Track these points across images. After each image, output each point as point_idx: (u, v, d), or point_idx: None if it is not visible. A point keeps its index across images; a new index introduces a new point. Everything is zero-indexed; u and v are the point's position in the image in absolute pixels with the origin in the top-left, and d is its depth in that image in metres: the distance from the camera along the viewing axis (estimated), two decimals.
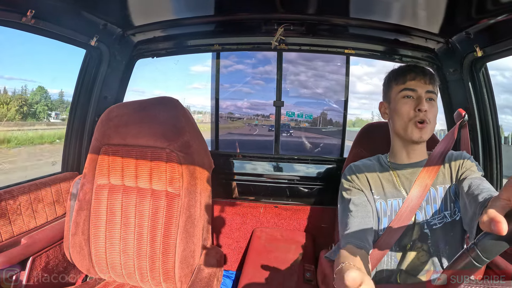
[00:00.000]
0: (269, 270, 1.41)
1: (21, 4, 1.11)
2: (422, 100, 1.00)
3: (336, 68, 4.07)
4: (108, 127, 1.27)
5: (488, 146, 1.43)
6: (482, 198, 0.82)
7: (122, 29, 1.57)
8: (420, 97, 1.01)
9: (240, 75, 3.94)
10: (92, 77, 1.61)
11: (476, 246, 0.53)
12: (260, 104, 5.12)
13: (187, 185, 1.19)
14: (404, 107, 1.02)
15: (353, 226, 0.96)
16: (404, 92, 1.03)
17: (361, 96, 9.35)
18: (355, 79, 5.96)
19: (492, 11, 1.11)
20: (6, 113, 22.41)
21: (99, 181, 1.26)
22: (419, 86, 1.02)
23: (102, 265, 1.25)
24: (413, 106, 1.01)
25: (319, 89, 4.47)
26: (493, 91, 1.41)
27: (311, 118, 5.76)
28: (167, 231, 1.19)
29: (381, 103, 1.14)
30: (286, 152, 1.94)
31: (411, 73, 1.04)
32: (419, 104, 1.00)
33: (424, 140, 1.03)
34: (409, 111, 1.02)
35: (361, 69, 8.33)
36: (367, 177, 1.08)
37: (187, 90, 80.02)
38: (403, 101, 1.03)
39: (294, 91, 4.50)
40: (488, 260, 0.53)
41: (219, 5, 1.42)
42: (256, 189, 1.86)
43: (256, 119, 6.35)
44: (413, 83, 1.02)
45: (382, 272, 1.03)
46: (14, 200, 1.28)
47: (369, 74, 9.96)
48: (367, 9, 1.36)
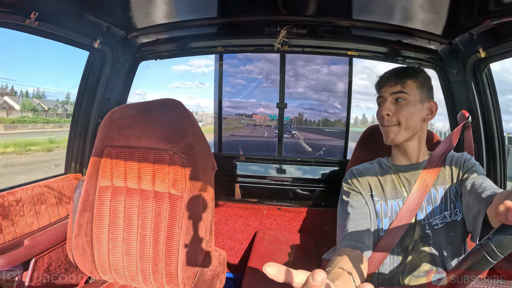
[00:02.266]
0: None
1: (25, 6, 1.11)
2: (384, 105, 1.04)
3: (317, 68, 4.16)
4: (111, 129, 1.27)
5: (492, 147, 1.43)
6: (486, 196, 0.82)
7: (125, 31, 1.57)
8: (384, 101, 1.05)
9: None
10: (96, 79, 1.61)
11: (491, 240, 0.50)
12: (241, 103, 5.20)
13: (190, 187, 1.19)
14: (378, 115, 1.08)
15: (349, 228, 0.98)
16: (378, 100, 1.09)
17: (341, 95, 9.44)
18: (336, 78, 6.03)
19: (495, 12, 1.11)
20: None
21: (102, 183, 1.26)
22: (385, 91, 1.06)
23: (105, 267, 1.25)
24: (382, 111, 1.05)
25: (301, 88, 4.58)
26: (496, 92, 1.41)
27: (288, 119, 5.98)
28: (170, 233, 1.18)
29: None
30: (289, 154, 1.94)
31: (381, 81, 1.08)
32: (381, 109, 1.05)
33: (397, 142, 1.05)
34: (380, 118, 1.06)
35: (341, 68, 8.43)
36: (368, 179, 1.09)
37: (168, 89, 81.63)
38: (378, 109, 1.08)
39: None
40: (503, 255, 0.50)
41: (222, 7, 1.42)
42: (259, 191, 1.85)
43: (242, 118, 6.43)
44: (382, 90, 1.07)
45: (384, 273, 1.02)
46: (17, 201, 1.29)
47: (324, 73, 9.94)
48: (370, 11, 1.36)
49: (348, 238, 0.95)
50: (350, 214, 1.01)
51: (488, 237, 0.51)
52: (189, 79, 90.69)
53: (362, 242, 0.93)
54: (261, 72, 4.10)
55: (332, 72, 4.62)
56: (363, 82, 21.85)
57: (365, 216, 1.01)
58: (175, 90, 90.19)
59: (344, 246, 0.92)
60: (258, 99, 5.11)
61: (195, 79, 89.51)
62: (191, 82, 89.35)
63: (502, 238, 0.49)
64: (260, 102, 5.27)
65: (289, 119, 6.21)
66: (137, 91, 57.01)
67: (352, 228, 0.97)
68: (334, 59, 4.05)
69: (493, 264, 0.50)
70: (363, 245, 0.93)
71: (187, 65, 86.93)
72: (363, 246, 0.92)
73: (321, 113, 5.86)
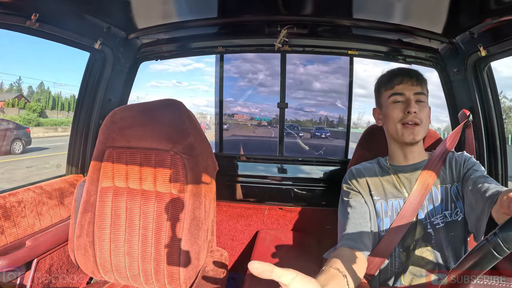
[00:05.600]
0: None
1: (25, 7, 1.11)
2: (411, 103, 1.02)
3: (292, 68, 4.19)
4: (112, 129, 1.28)
5: (493, 146, 1.43)
6: (490, 195, 0.82)
7: (126, 32, 1.57)
8: (408, 100, 1.03)
9: (199, 73, 4.02)
10: (96, 80, 1.61)
11: (497, 235, 0.49)
12: (218, 101, 5.29)
13: (192, 187, 1.19)
14: (394, 112, 1.05)
15: (349, 228, 0.99)
16: (393, 97, 1.06)
17: (317, 94, 9.50)
18: (311, 78, 6.10)
19: (496, 11, 1.11)
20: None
21: (103, 184, 1.26)
22: (406, 89, 1.04)
23: (107, 267, 1.25)
24: (402, 109, 1.03)
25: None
26: (497, 91, 1.41)
27: (268, 120, 6.14)
28: (172, 233, 1.18)
29: (375, 110, 1.17)
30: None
31: (397, 77, 1.06)
32: (408, 107, 1.02)
33: (417, 141, 1.05)
34: (399, 115, 1.04)
35: (317, 67, 8.53)
36: (367, 179, 1.10)
37: (144, 88, 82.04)
38: (393, 106, 1.06)
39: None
40: (510, 250, 0.49)
41: (223, 7, 1.42)
42: (261, 190, 1.85)
43: (230, 119, 6.46)
44: (401, 87, 1.05)
45: (386, 273, 1.03)
46: (19, 202, 1.29)
47: (325, 73, 10.06)
48: (370, 10, 1.36)
49: (346, 237, 0.97)
50: (349, 214, 1.02)
51: (495, 232, 0.50)
52: (165, 78, 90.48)
53: (360, 242, 0.95)
54: (238, 71, 4.11)
55: (331, 72, 4.63)
56: (338, 81, 22.05)
57: (364, 215, 1.02)
58: (151, 89, 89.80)
59: (343, 246, 0.94)
60: (236, 98, 5.11)
61: (172, 78, 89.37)
62: (167, 81, 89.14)
63: (509, 232, 0.49)
64: (237, 101, 5.28)
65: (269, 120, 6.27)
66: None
67: (351, 228, 0.99)
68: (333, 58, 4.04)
69: (499, 259, 0.50)
70: (362, 244, 0.94)
71: (165, 64, 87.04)
72: (362, 246, 0.94)
73: (320, 113, 5.88)
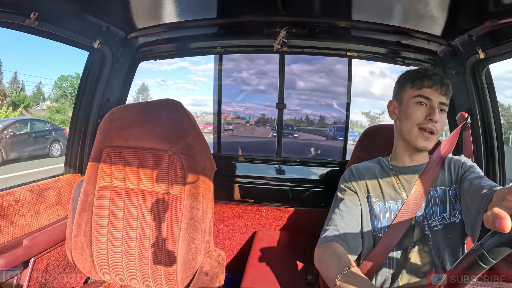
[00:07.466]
0: (271, 272, 1.40)
1: (24, 6, 1.11)
2: (435, 110, 0.99)
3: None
4: (111, 129, 1.27)
5: (491, 148, 1.43)
6: (485, 194, 0.82)
7: (125, 32, 1.57)
8: (433, 107, 1.00)
9: (183, 72, 4.09)
10: (95, 79, 1.61)
11: (483, 246, 0.51)
12: (203, 100, 5.30)
13: (189, 187, 1.19)
14: (415, 113, 1.02)
15: (339, 226, 1.01)
16: (418, 98, 1.02)
17: (301, 92, 9.50)
18: (295, 77, 6.18)
19: (495, 13, 1.11)
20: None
21: (101, 183, 1.26)
22: (434, 95, 1.01)
23: (104, 267, 1.25)
24: (424, 114, 1.01)
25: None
26: (495, 93, 1.41)
27: (248, 118, 6.20)
28: (169, 233, 1.18)
29: (391, 102, 1.13)
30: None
31: (429, 80, 1.02)
32: (432, 114, 0.99)
33: (428, 149, 1.03)
34: (419, 118, 1.01)
35: (301, 67, 8.46)
36: (366, 180, 1.09)
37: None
38: (415, 107, 1.02)
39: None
40: (495, 261, 0.50)
41: (222, 8, 1.42)
42: (258, 191, 1.85)
43: (227, 118, 6.50)
44: (429, 91, 1.01)
45: (384, 274, 1.02)
46: (16, 201, 1.29)
47: (309, 72, 10.10)
48: (369, 12, 1.36)
49: (338, 235, 0.99)
50: (342, 211, 1.03)
51: (481, 243, 0.52)
52: (150, 77, 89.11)
53: (347, 243, 0.98)
54: (224, 69, 4.13)
55: (329, 73, 4.66)
56: (322, 80, 22.01)
57: (356, 217, 1.03)
58: (135, 87, 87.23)
59: (335, 242, 0.97)
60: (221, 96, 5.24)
61: (156, 76, 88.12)
62: (152, 79, 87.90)
63: (493, 244, 0.50)
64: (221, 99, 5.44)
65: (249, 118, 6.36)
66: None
67: (342, 229, 1.00)
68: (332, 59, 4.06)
69: (485, 269, 0.51)
70: (347, 246, 0.97)
71: (149, 63, 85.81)
72: (348, 248, 0.97)
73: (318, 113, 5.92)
